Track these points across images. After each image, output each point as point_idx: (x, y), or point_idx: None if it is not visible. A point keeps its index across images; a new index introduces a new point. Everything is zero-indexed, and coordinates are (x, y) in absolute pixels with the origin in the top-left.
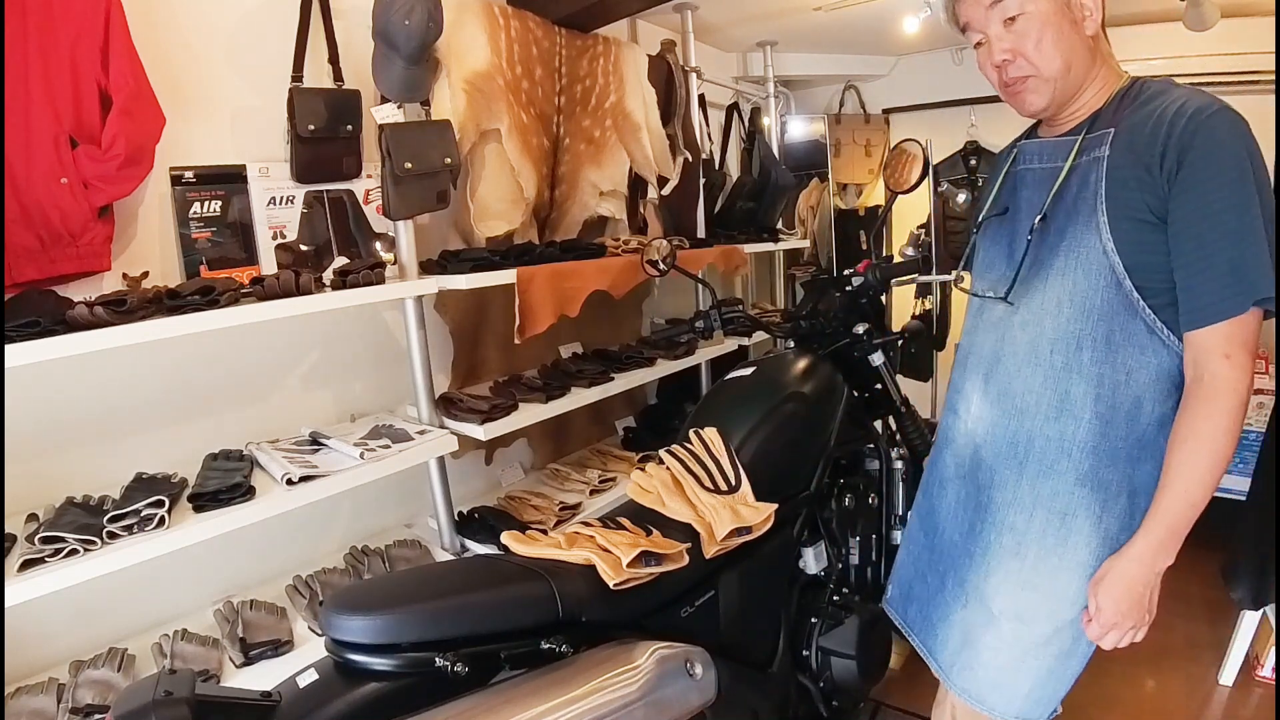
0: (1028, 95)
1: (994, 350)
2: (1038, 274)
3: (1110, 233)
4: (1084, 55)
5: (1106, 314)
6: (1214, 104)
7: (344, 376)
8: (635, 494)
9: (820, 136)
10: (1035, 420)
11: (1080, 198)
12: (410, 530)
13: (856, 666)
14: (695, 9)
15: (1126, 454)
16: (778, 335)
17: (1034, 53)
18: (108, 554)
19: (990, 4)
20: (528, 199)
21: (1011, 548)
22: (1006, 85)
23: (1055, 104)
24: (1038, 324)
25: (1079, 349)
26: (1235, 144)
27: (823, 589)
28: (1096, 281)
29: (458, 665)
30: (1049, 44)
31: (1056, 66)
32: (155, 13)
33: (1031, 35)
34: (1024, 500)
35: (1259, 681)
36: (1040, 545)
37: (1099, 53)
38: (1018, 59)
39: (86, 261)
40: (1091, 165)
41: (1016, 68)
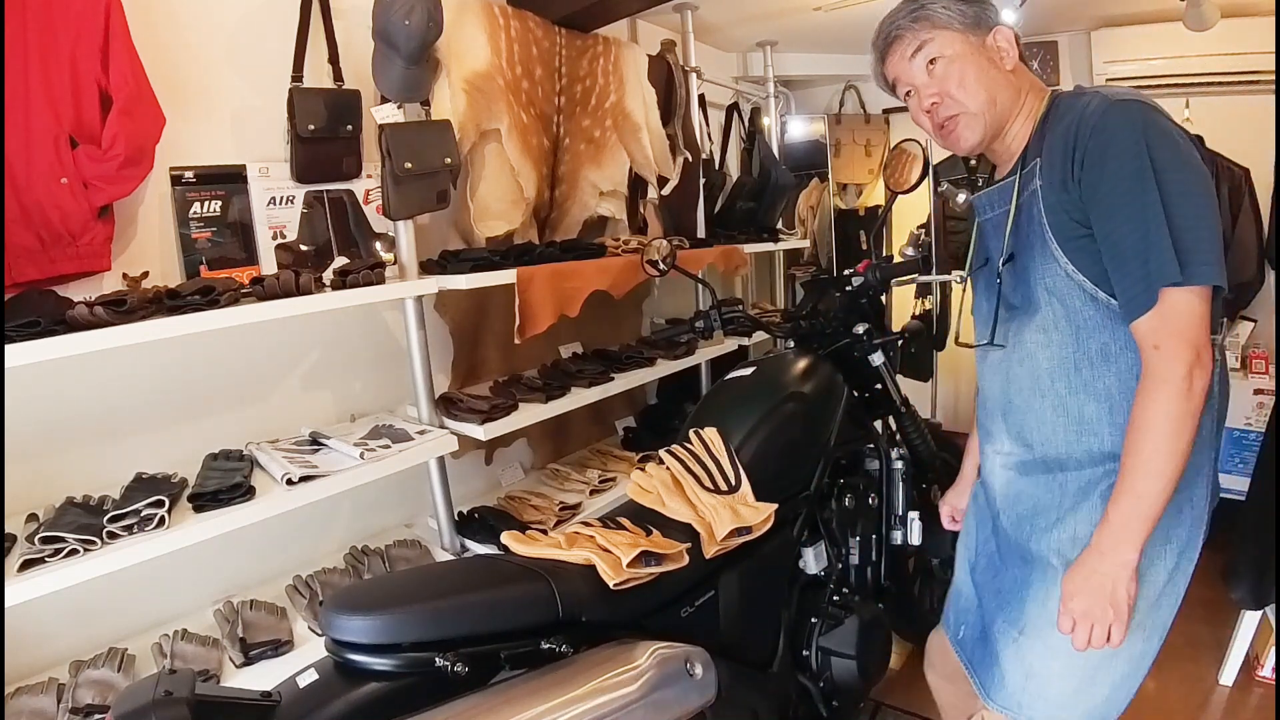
0: (961, 132)
1: (1003, 392)
2: (1020, 312)
3: (1065, 256)
4: (1006, 88)
5: (1094, 330)
6: (1108, 101)
7: (344, 376)
8: (635, 494)
9: (820, 136)
10: (1060, 446)
11: (1031, 232)
12: (410, 530)
13: (856, 666)
14: (695, 9)
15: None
16: (778, 335)
17: (958, 90)
18: (108, 554)
19: (911, 55)
20: (528, 199)
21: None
22: (940, 128)
23: (988, 137)
24: (1032, 359)
25: (1077, 370)
26: (1127, 134)
27: (823, 589)
28: (1073, 303)
29: (458, 665)
30: (971, 80)
31: (981, 100)
32: (155, 13)
33: (953, 76)
34: (1067, 524)
35: (1259, 681)
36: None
37: (1021, 85)
38: (945, 100)
39: (86, 261)
40: (1031, 200)
41: (945, 107)
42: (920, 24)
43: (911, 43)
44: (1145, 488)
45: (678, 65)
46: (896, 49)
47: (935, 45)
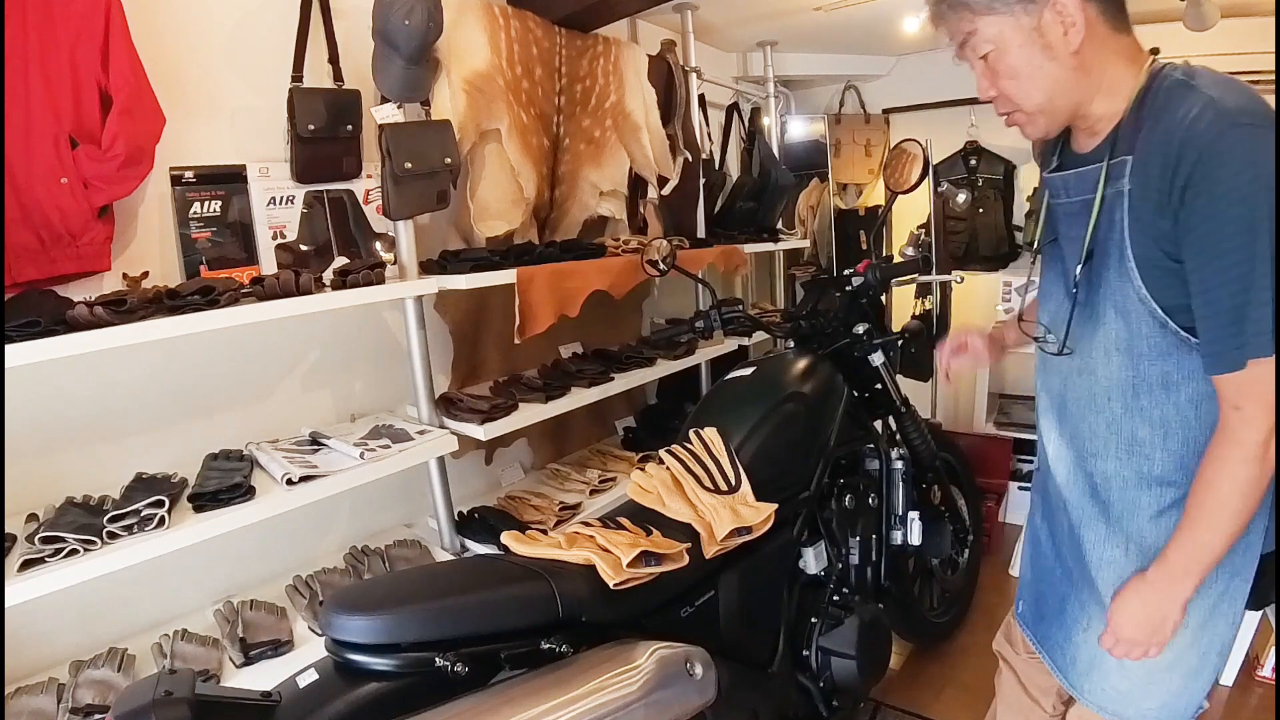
0: (1024, 128)
1: (1060, 392)
2: (1087, 320)
3: (1141, 279)
4: (1068, 79)
5: (1158, 357)
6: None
7: (344, 376)
8: (635, 494)
9: (820, 136)
10: (1109, 462)
11: (1110, 239)
12: (410, 530)
13: (856, 666)
14: (695, 9)
15: None
16: (778, 335)
17: (1010, 89)
18: (108, 554)
19: (959, 46)
20: (528, 199)
21: (1114, 581)
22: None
23: (1057, 127)
24: (1091, 372)
25: (1135, 394)
26: (1246, 172)
27: (823, 589)
28: (1139, 328)
29: (458, 665)
30: (1025, 79)
31: (1035, 101)
32: (155, 13)
33: (1003, 73)
34: (1116, 537)
35: (1259, 681)
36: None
37: (1095, 62)
38: (1000, 96)
39: (86, 261)
40: (1116, 200)
41: (1001, 104)
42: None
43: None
44: (1207, 539)
45: (678, 65)
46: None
47: (980, 37)
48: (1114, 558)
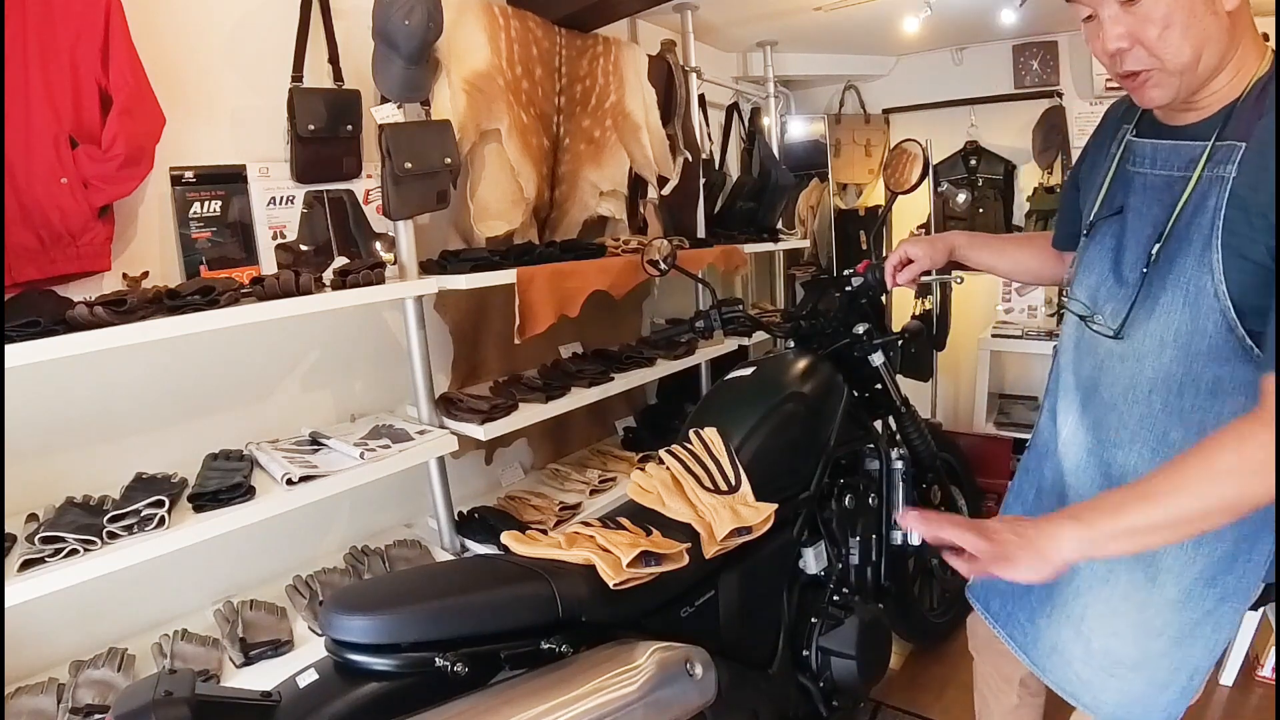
0: (1150, 91)
1: (1091, 377)
2: (1141, 305)
3: (1224, 273)
4: (1219, 40)
5: (1215, 359)
6: None
7: (344, 376)
8: (635, 494)
9: (820, 136)
10: (1130, 456)
11: (1195, 224)
12: (410, 530)
13: (856, 666)
14: (695, 9)
15: None
16: (778, 335)
17: (1157, 42)
18: (108, 554)
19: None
20: (528, 199)
21: (1102, 574)
22: (1123, 76)
23: (1183, 97)
24: (1137, 361)
25: (1180, 394)
26: None
27: (823, 589)
28: (1204, 324)
29: (458, 665)
30: (1177, 31)
31: (1185, 59)
32: (155, 13)
33: (1156, 20)
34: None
35: (1259, 681)
36: (1130, 576)
37: (1239, 31)
38: (1135, 47)
39: (86, 261)
40: (1213, 184)
41: (1134, 59)
42: None
43: None
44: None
45: (678, 65)
46: None
47: None
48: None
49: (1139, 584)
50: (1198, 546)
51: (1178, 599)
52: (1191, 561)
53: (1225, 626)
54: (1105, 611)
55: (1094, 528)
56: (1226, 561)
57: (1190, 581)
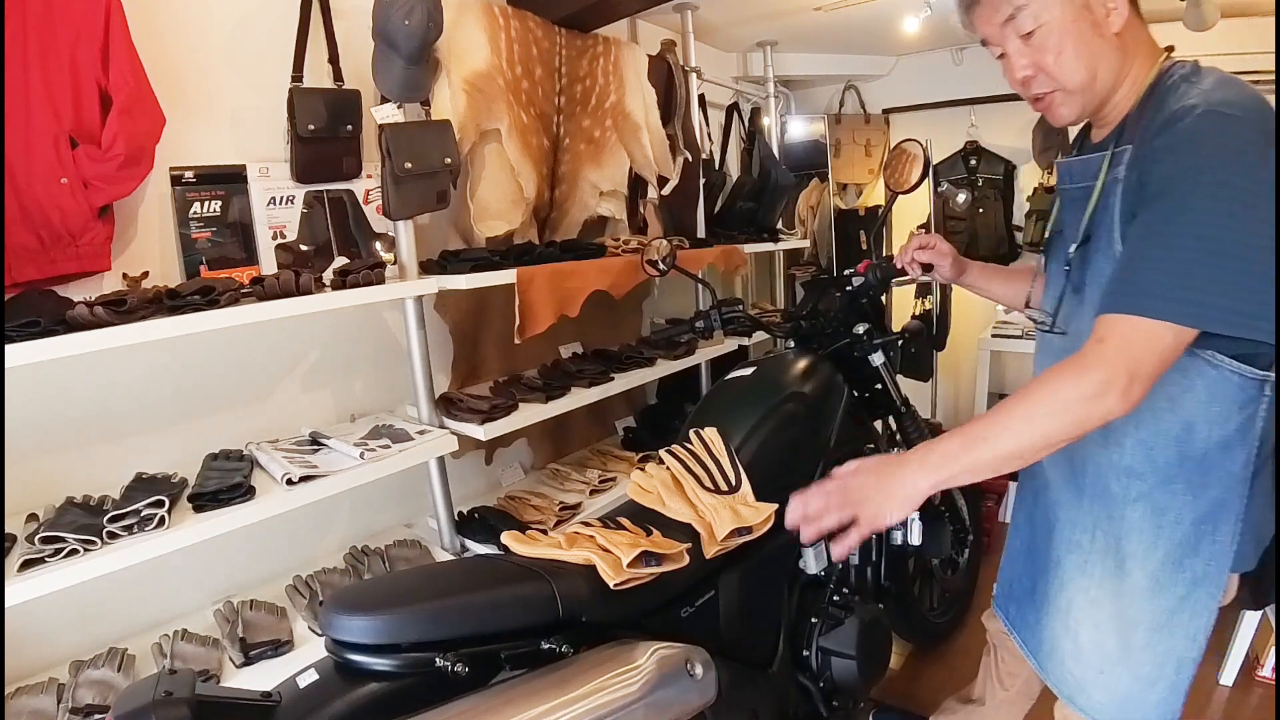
0: (1057, 109)
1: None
2: (1078, 302)
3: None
4: (1110, 58)
5: None
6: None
7: (344, 376)
8: (635, 494)
9: (820, 136)
10: (1087, 445)
11: (1102, 223)
12: (410, 530)
13: (856, 666)
14: (695, 9)
15: (1185, 479)
16: (778, 335)
17: (1054, 66)
18: (108, 554)
19: (1003, 22)
20: (528, 199)
21: (1079, 564)
22: (1034, 100)
23: (1087, 112)
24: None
25: None
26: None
27: (823, 589)
28: None
29: (458, 665)
30: (1070, 55)
31: (1080, 78)
32: (155, 13)
33: (1050, 48)
34: (1085, 521)
35: (1259, 681)
36: (1103, 566)
37: (1129, 48)
38: (1039, 74)
39: (86, 261)
40: (1113, 187)
41: (1040, 83)
42: None
43: (1002, 7)
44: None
45: (678, 65)
46: (982, 9)
47: (1030, 12)
48: (1079, 541)
49: (1111, 572)
50: (1157, 531)
51: (1148, 586)
52: (1153, 547)
53: (1202, 614)
54: (1085, 602)
55: (939, 471)
56: (1189, 545)
57: (1156, 567)
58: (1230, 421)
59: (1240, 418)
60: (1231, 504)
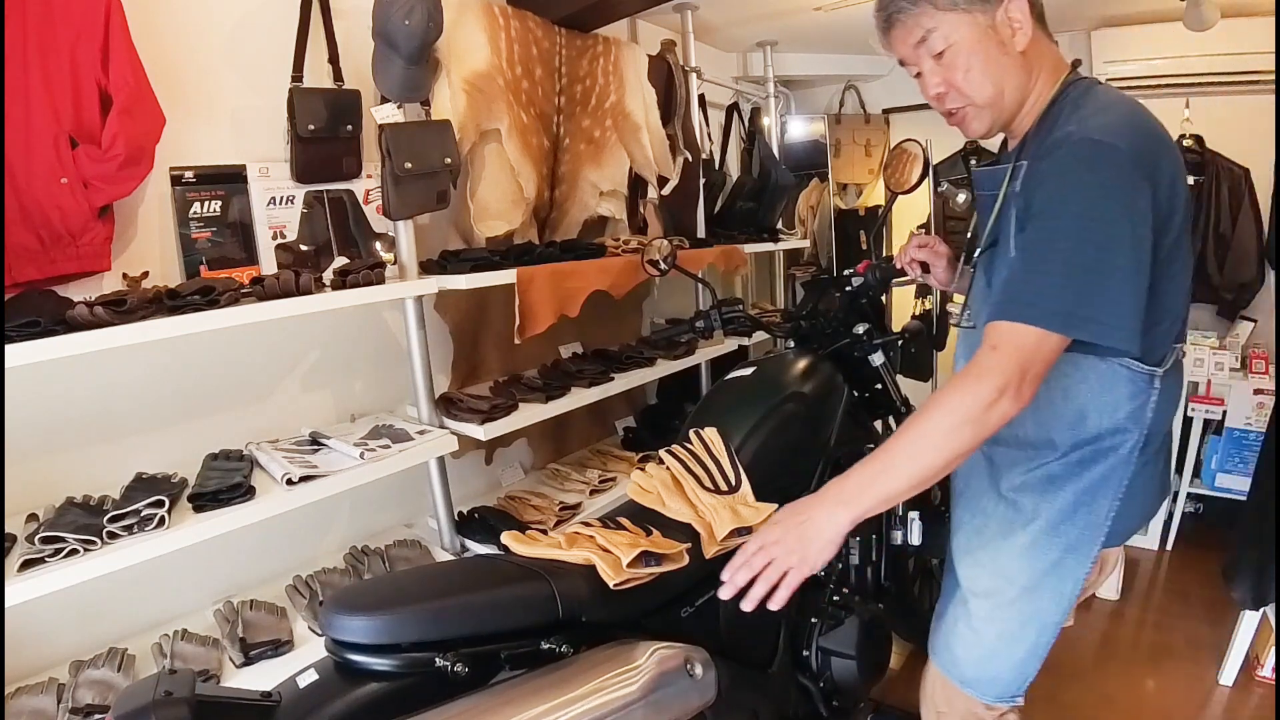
0: (969, 123)
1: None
2: (986, 300)
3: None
4: (1016, 74)
5: None
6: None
7: (344, 376)
8: (635, 494)
9: (820, 136)
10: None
11: (1004, 230)
12: (410, 530)
13: (856, 666)
14: (695, 9)
15: (1079, 456)
16: (778, 335)
17: (964, 83)
18: (108, 554)
19: (916, 44)
20: (528, 199)
21: (977, 527)
22: (948, 115)
23: (998, 125)
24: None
25: None
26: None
27: (823, 589)
28: None
29: (458, 665)
30: (977, 73)
31: (988, 93)
32: (155, 13)
33: (959, 66)
34: (988, 489)
35: (1259, 681)
36: (998, 528)
37: (1035, 65)
38: (950, 90)
39: (86, 261)
40: (1012, 199)
41: (951, 99)
42: (920, 6)
43: (914, 30)
44: (899, 468)
45: (678, 65)
46: (897, 31)
47: (940, 34)
48: (984, 507)
49: (1000, 533)
50: (1042, 496)
51: (1027, 547)
52: (1036, 512)
53: (1068, 579)
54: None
55: (855, 506)
56: (1067, 511)
57: (1037, 530)
58: (1120, 410)
59: (1130, 406)
60: (1112, 481)
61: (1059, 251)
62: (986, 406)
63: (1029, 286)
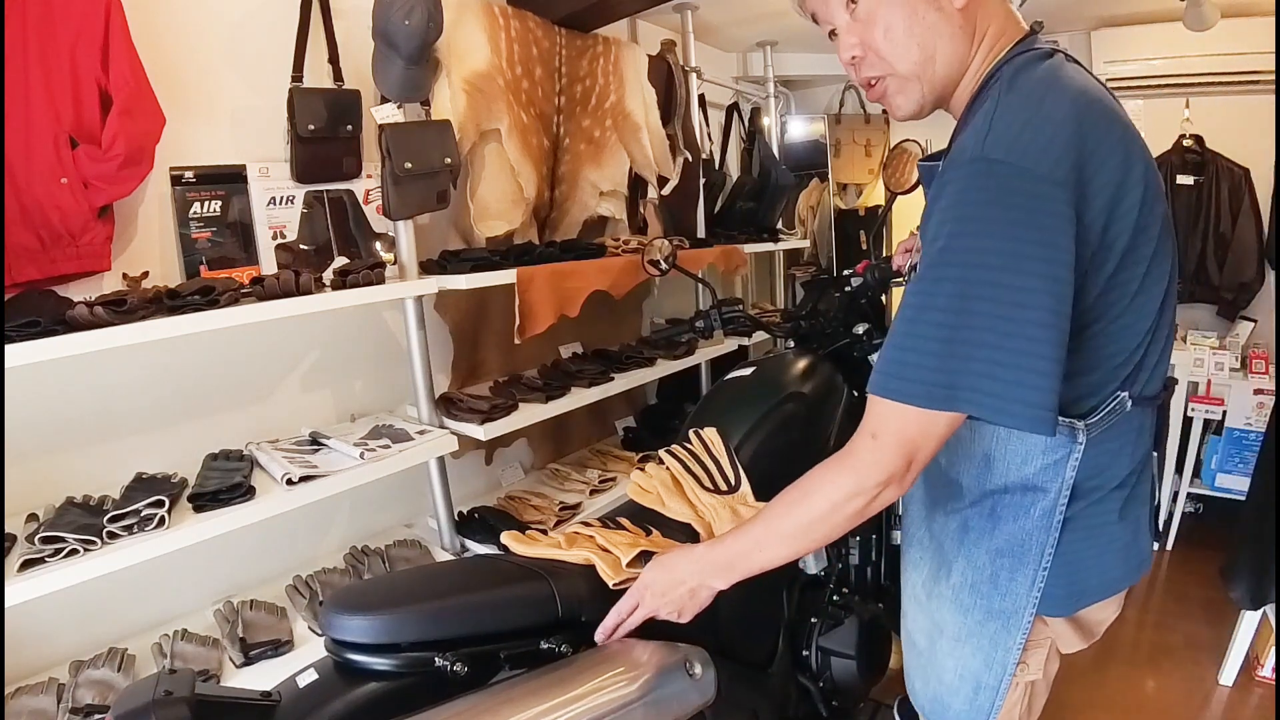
0: (892, 99)
1: None
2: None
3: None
4: (951, 37)
5: None
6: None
7: (344, 376)
8: (635, 494)
9: (820, 136)
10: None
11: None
12: (410, 530)
13: (856, 666)
14: (695, 9)
15: (990, 507)
16: (778, 335)
17: (883, 43)
18: (108, 554)
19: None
20: (528, 199)
21: (916, 560)
22: (867, 87)
23: (930, 103)
24: None
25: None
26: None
27: (823, 589)
28: None
29: (457, 665)
30: (900, 30)
31: (913, 58)
32: (155, 13)
33: (878, 21)
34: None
35: (1259, 681)
36: (930, 564)
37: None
38: (868, 54)
39: (86, 261)
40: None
41: (869, 65)
42: None
43: None
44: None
45: (678, 65)
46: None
47: None
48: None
49: (932, 574)
50: (960, 547)
51: (952, 598)
52: (956, 560)
53: (999, 648)
54: (910, 596)
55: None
56: (986, 575)
57: (958, 584)
58: (1030, 464)
59: (1043, 461)
60: (1030, 548)
61: (943, 310)
62: (869, 500)
63: (909, 354)
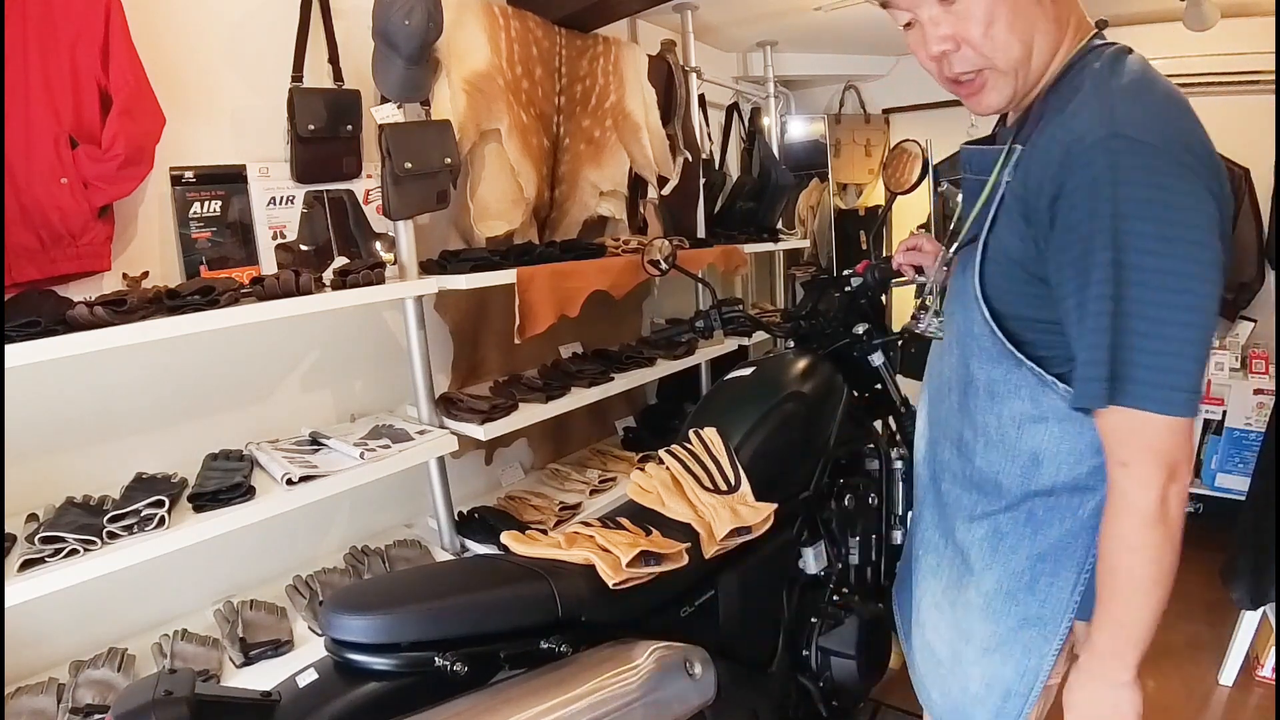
0: (986, 95)
1: (928, 374)
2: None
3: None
4: (1047, 30)
5: (986, 361)
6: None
7: (344, 376)
8: (635, 494)
9: (820, 136)
10: (945, 453)
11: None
12: (410, 530)
13: (856, 666)
14: (695, 9)
15: (1028, 511)
16: (778, 335)
17: (983, 40)
18: (108, 554)
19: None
20: (528, 199)
21: (933, 566)
22: (953, 83)
23: (1020, 94)
24: (941, 360)
25: (965, 393)
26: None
27: (823, 589)
28: (972, 325)
29: (457, 665)
30: (1003, 24)
31: (1015, 54)
32: (155, 13)
33: (977, 17)
34: (942, 524)
35: (1259, 681)
36: (950, 573)
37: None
38: (962, 48)
39: (86, 261)
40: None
41: (963, 59)
42: None
43: None
44: (1124, 615)
45: (678, 65)
46: None
47: None
48: (936, 543)
49: (955, 581)
50: (994, 554)
51: (983, 606)
52: (989, 569)
53: (1034, 655)
54: (930, 604)
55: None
56: (1025, 580)
57: (990, 591)
58: (1082, 464)
59: (1095, 462)
60: (1074, 551)
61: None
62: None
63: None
